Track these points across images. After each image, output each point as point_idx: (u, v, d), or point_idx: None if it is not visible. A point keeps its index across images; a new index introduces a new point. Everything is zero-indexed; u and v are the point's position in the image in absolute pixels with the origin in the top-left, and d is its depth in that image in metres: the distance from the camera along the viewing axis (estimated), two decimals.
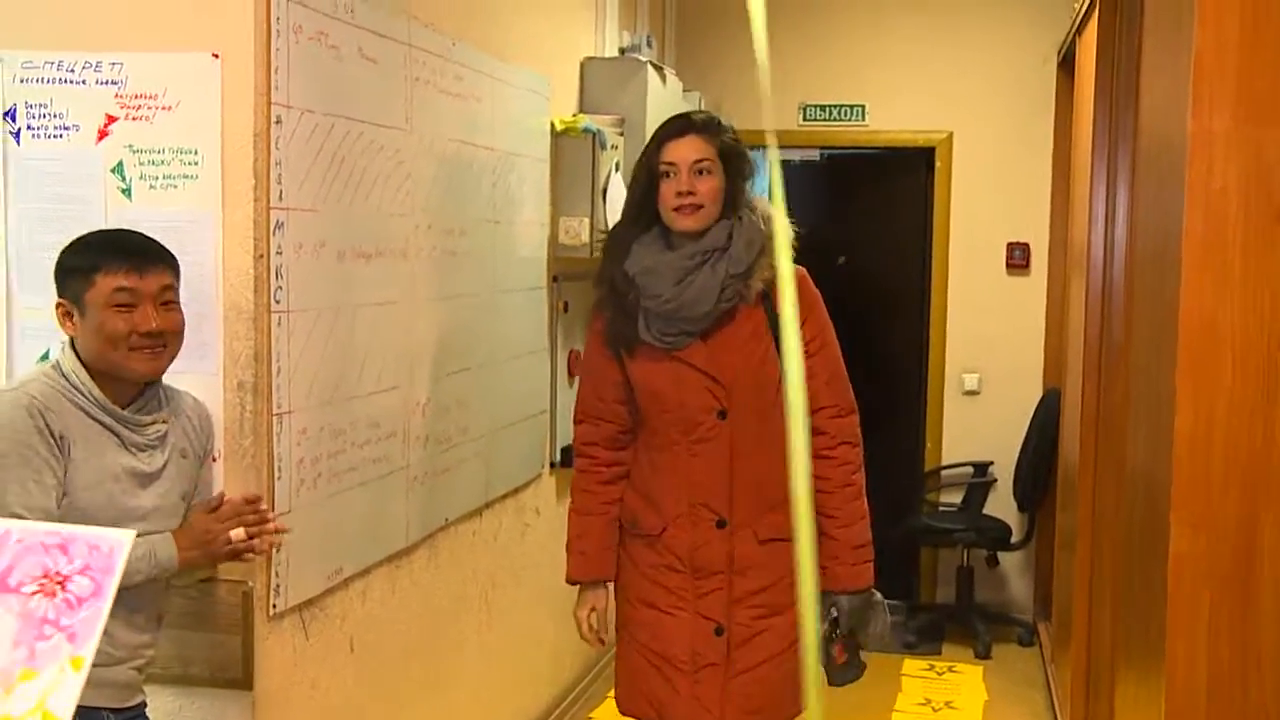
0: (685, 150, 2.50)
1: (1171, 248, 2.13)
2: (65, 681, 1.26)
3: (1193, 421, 2.02)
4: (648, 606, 2.66)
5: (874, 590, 2.67)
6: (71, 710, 1.25)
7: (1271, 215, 1.97)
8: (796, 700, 2.62)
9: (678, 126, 2.55)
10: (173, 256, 2.11)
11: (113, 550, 1.33)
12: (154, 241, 2.11)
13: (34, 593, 1.31)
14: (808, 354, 2.53)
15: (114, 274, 2.02)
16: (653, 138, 2.59)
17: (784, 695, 2.61)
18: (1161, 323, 2.25)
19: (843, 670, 2.68)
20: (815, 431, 2.56)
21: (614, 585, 2.74)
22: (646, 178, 2.54)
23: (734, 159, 2.54)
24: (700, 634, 2.61)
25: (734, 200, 2.52)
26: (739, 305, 2.52)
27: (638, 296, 2.54)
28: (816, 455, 2.56)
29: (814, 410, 2.55)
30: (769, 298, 2.51)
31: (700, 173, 2.50)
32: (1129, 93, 3.34)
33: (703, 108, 5.20)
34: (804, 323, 2.51)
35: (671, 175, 2.51)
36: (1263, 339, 1.98)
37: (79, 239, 2.09)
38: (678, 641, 2.62)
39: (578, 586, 2.74)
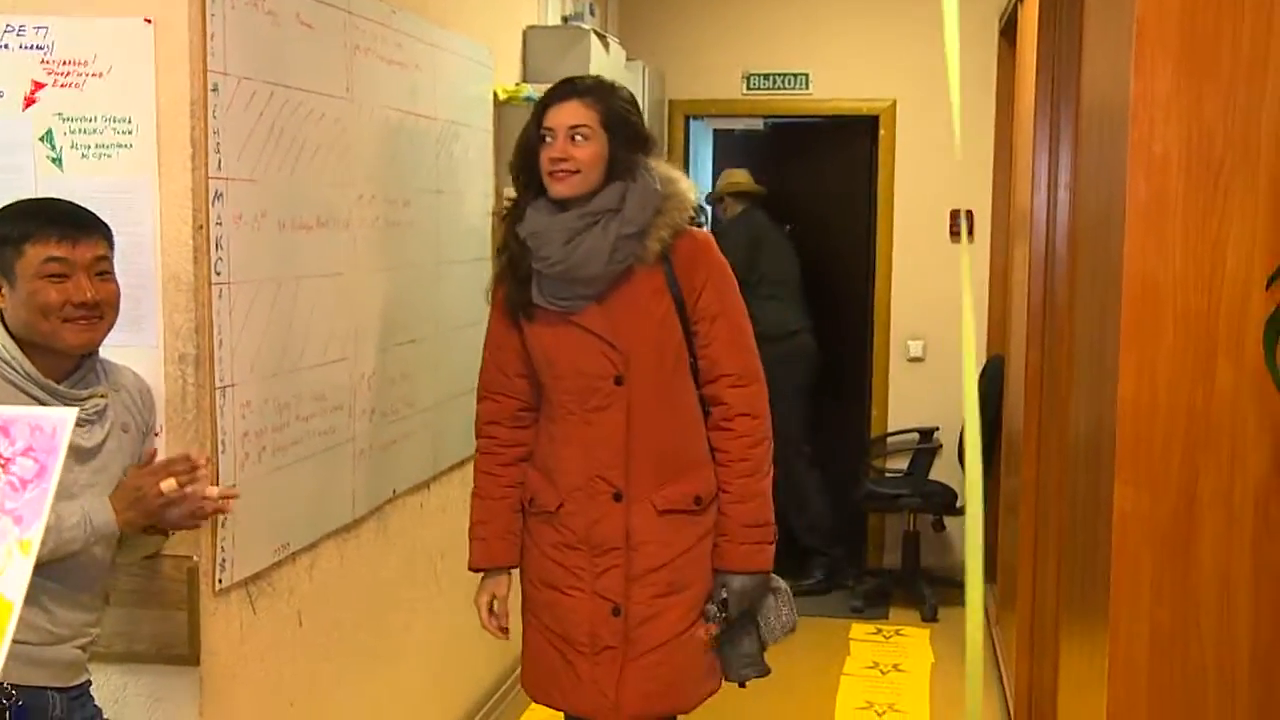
0: (563, 115, 2.44)
1: (1114, 211, 2.15)
2: (14, 565, 1.23)
3: (1135, 383, 2.04)
4: (548, 587, 2.58)
5: (772, 576, 2.58)
6: (22, 594, 1.23)
7: (1211, 178, 1.99)
8: (700, 684, 2.58)
9: (560, 91, 2.49)
10: (106, 226, 2.06)
11: (55, 429, 1.30)
12: (86, 210, 2.05)
13: None
14: (706, 319, 2.48)
15: (45, 243, 1.96)
16: (538, 101, 2.54)
17: (686, 679, 2.54)
18: (1105, 286, 2.27)
19: (734, 659, 2.57)
20: (714, 401, 2.52)
21: (519, 568, 2.67)
22: (527, 143, 2.50)
23: (620, 125, 2.46)
24: (599, 614, 2.52)
25: (622, 165, 2.44)
26: (635, 267, 2.45)
27: (530, 261, 2.48)
28: (715, 427, 2.52)
29: (713, 379, 2.50)
30: (669, 260, 2.46)
31: (576, 138, 2.43)
32: (1071, 60, 3.36)
33: (646, 77, 5.17)
34: (702, 288, 2.47)
35: (549, 140, 2.45)
36: (1203, 301, 2.00)
37: (4, 208, 2.03)
38: (577, 623, 2.54)
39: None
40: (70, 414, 1.34)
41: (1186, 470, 2.03)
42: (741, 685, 2.66)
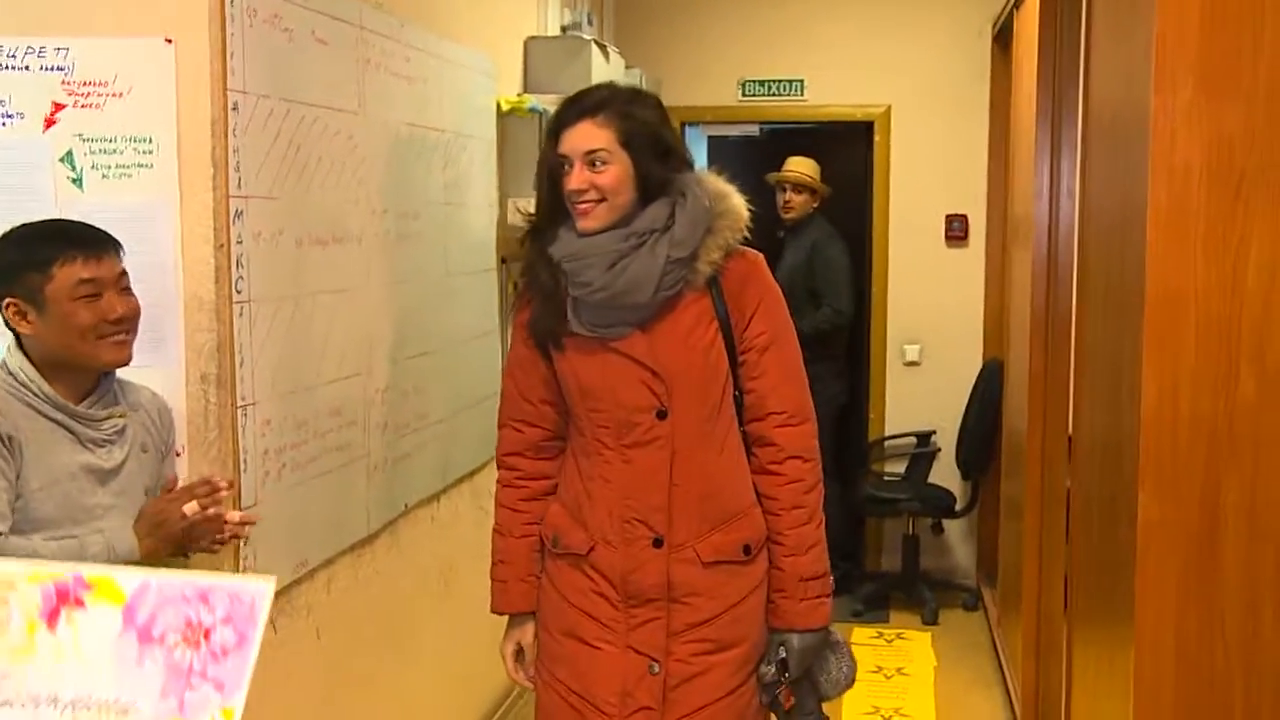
0: (577, 140, 2.18)
1: (1133, 220, 2.16)
2: None
3: (1158, 392, 2.04)
4: (570, 638, 2.30)
5: (831, 630, 2.36)
6: None
7: (1232, 188, 2.00)
8: None
9: (570, 112, 2.21)
10: (118, 241, 2.06)
11: (253, 601, 1.32)
12: (98, 228, 2.06)
13: (177, 644, 1.31)
14: (755, 348, 2.26)
15: (73, 264, 1.96)
16: (549, 125, 2.27)
17: None
18: (1122, 294, 2.28)
19: (794, 718, 2.35)
20: (761, 442, 2.28)
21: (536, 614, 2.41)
22: (549, 174, 2.23)
23: (643, 139, 2.19)
24: (632, 672, 2.25)
25: (657, 181, 2.19)
26: (684, 291, 2.22)
27: (565, 285, 2.23)
28: (761, 470, 2.29)
29: (760, 416, 2.27)
30: (717, 283, 2.24)
31: (595, 164, 2.17)
32: (1073, 69, 3.37)
33: (644, 85, 5.17)
34: (753, 314, 2.25)
35: (568, 169, 2.19)
36: (1225, 309, 2.01)
37: (11, 234, 2.02)
38: (604, 680, 2.26)
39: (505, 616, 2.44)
40: (268, 587, 1.35)
41: (1210, 479, 2.04)
42: None
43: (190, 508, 2.05)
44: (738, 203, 2.29)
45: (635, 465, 2.26)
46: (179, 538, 2.08)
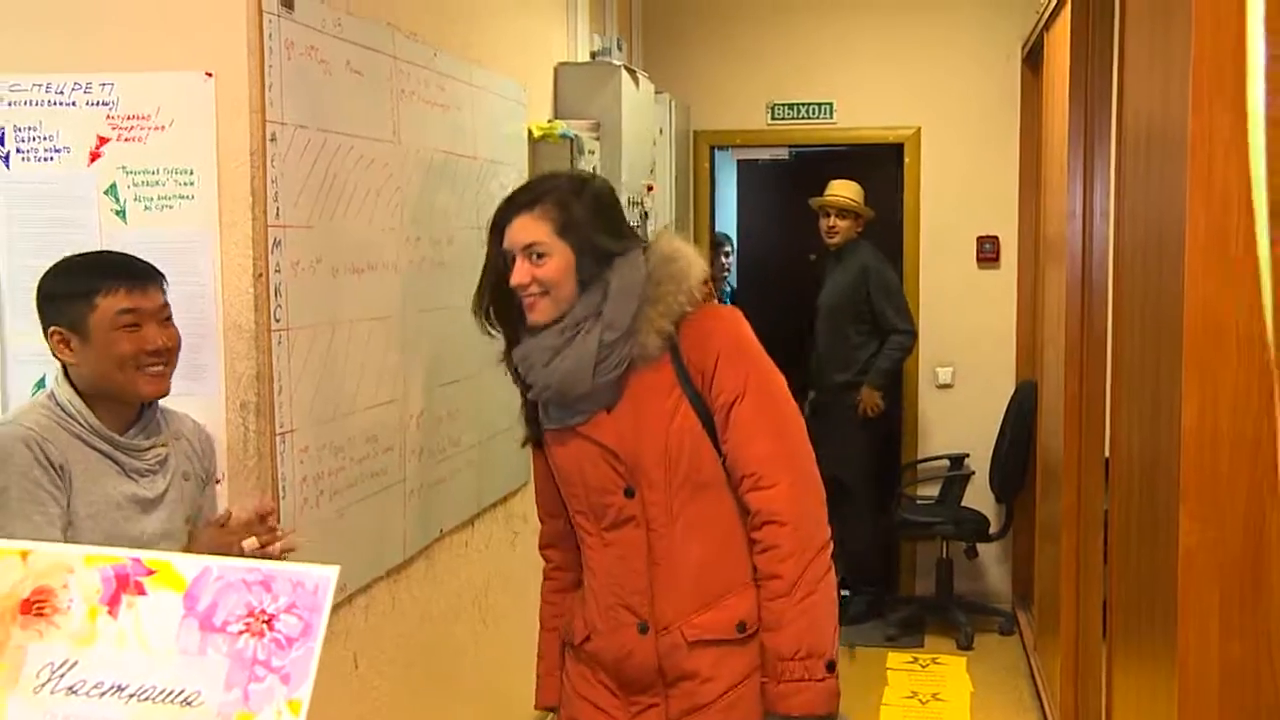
0: (515, 235, 2.14)
1: (1172, 242, 2.15)
2: None
3: (1199, 415, 2.03)
4: None
5: (840, 717, 2.14)
6: None
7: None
8: None
9: (506, 210, 2.19)
10: (161, 272, 2.09)
11: (318, 587, 1.27)
12: (141, 259, 2.08)
13: (240, 632, 1.26)
14: (722, 407, 2.12)
15: (115, 295, 1.99)
16: (491, 224, 2.24)
17: None
18: (1160, 316, 2.27)
19: None
20: (743, 509, 2.15)
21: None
22: (497, 273, 2.20)
23: (581, 228, 2.13)
24: None
25: (591, 268, 2.13)
26: (636, 363, 2.12)
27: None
28: (748, 539, 2.15)
29: (737, 481, 2.13)
30: (677, 348, 2.12)
31: (535, 257, 2.13)
32: (1105, 90, 3.37)
33: (672, 109, 5.20)
34: (714, 370, 2.11)
35: (512, 265, 2.16)
36: (1266, 331, 2.00)
37: (60, 265, 2.05)
38: None
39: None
40: (332, 572, 1.30)
41: (1253, 502, 2.02)
42: None
43: (250, 544, 2.07)
44: (686, 264, 2.16)
45: (614, 548, 2.19)
46: None
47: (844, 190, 5.49)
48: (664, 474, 2.14)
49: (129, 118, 2.24)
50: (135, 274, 2.04)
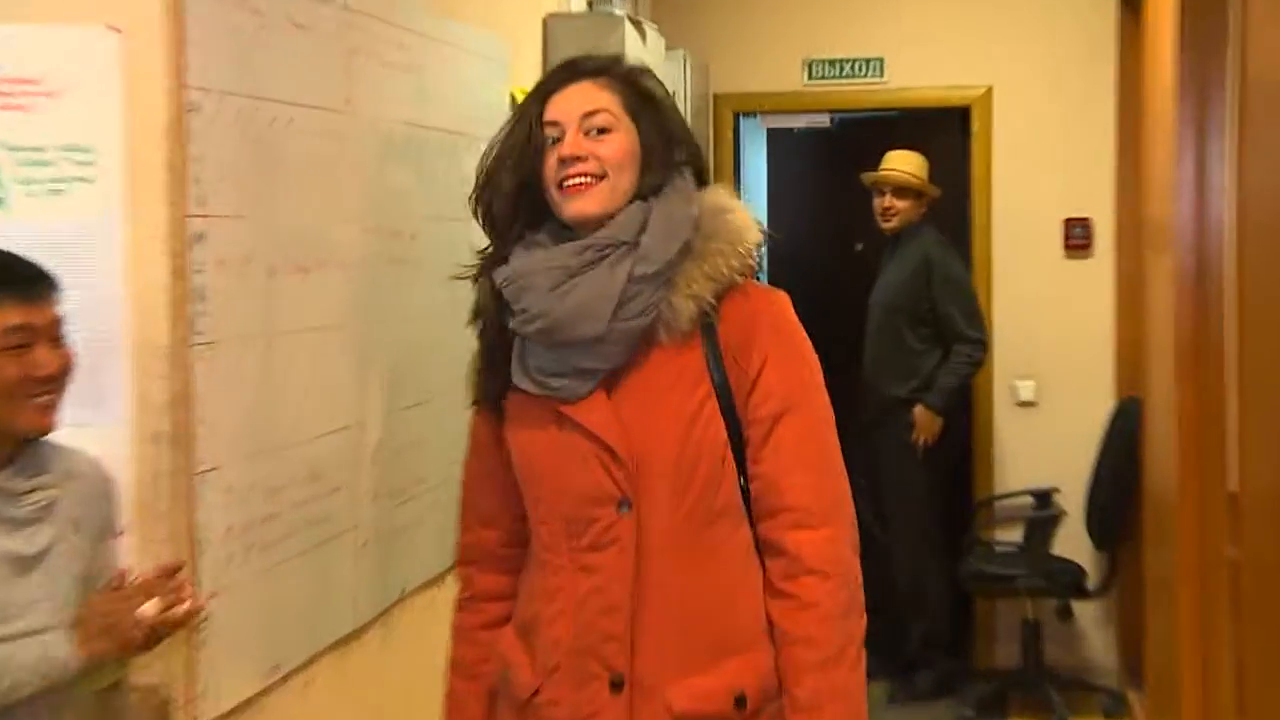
0: (573, 102, 2.08)
1: None
2: None
3: None
4: None
5: None
6: None
7: None
8: None
9: (562, 74, 2.14)
10: (54, 277, 2.07)
11: None
12: (31, 261, 2.06)
13: None
14: (762, 419, 2.07)
15: (3, 310, 1.97)
16: (529, 94, 2.18)
17: None
18: None
19: None
20: (771, 550, 2.08)
21: None
22: (521, 152, 2.10)
23: (651, 110, 2.11)
24: None
25: (656, 171, 2.09)
26: (659, 335, 2.06)
27: (508, 322, 2.12)
28: (771, 590, 2.07)
29: (769, 513, 2.06)
30: (713, 330, 2.06)
31: (595, 131, 2.06)
32: (1222, 30, 3.35)
33: (687, 68, 5.20)
34: (760, 371, 2.06)
35: (554, 142, 2.08)
36: None
37: None
38: None
39: None
40: None
41: None
42: None
43: (151, 608, 2.04)
44: (739, 221, 2.12)
45: (592, 576, 2.07)
46: (136, 644, 2.08)
47: (904, 163, 5.48)
48: (672, 490, 2.06)
49: (10, 81, 2.21)
50: (28, 282, 2.02)
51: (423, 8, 3.29)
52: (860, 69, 5.78)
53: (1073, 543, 5.54)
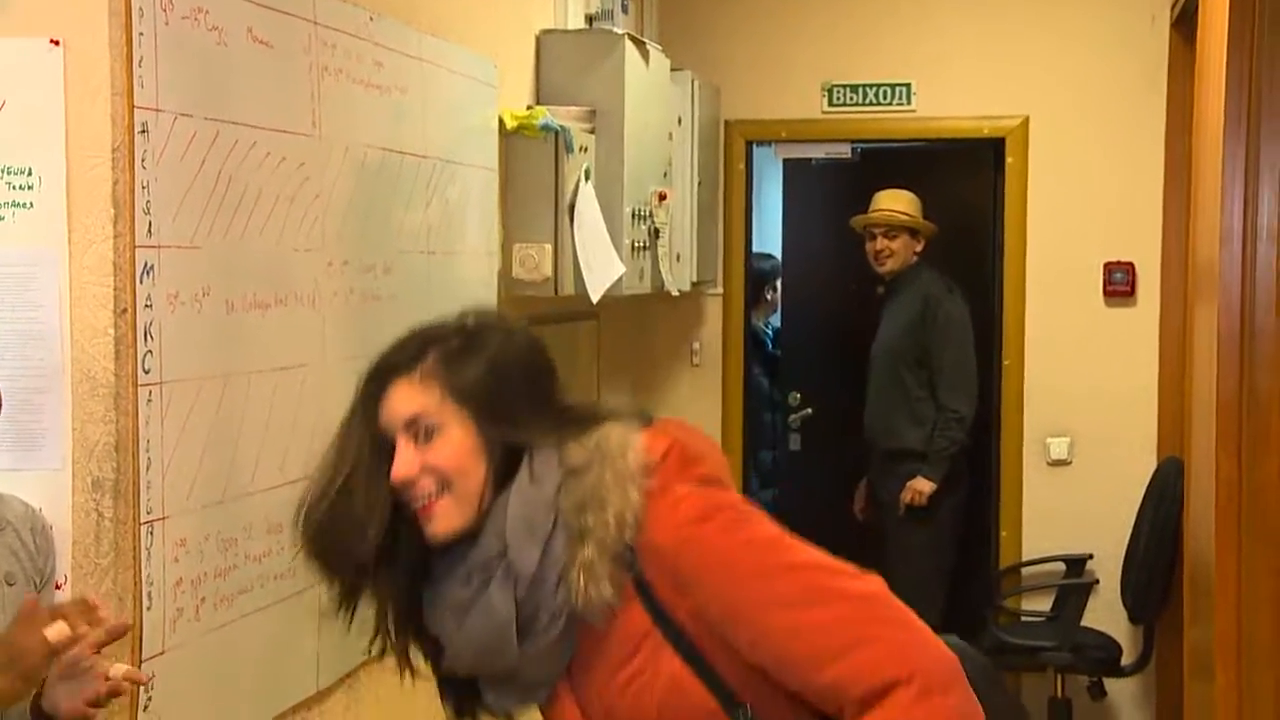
0: (393, 409, 1.96)
1: None
2: None
3: None
4: None
5: None
6: None
7: None
8: None
9: (373, 383, 2.01)
10: None
11: None
12: None
13: None
14: (746, 644, 1.90)
15: None
16: (358, 394, 2.05)
17: None
18: None
19: None
20: None
21: None
22: (366, 469, 1.99)
23: (483, 389, 1.97)
24: None
25: (502, 454, 1.97)
26: (590, 618, 1.94)
27: None
28: None
29: (838, 709, 1.85)
30: (643, 581, 1.92)
31: (422, 436, 1.95)
32: (1273, 67, 3.36)
33: (695, 92, 5.21)
34: (705, 606, 1.91)
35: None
36: None
37: None
38: None
39: None
40: None
41: None
42: None
43: (56, 630, 1.98)
44: (599, 479, 1.95)
45: None
46: (40, 674, 2.03)
47: (893, 202, 5.56)
48: None
49: None
50: None
51: (401, 23, 3.31)
52: (885, 95, 5.79)
53: (1107, 614, 5.54)
